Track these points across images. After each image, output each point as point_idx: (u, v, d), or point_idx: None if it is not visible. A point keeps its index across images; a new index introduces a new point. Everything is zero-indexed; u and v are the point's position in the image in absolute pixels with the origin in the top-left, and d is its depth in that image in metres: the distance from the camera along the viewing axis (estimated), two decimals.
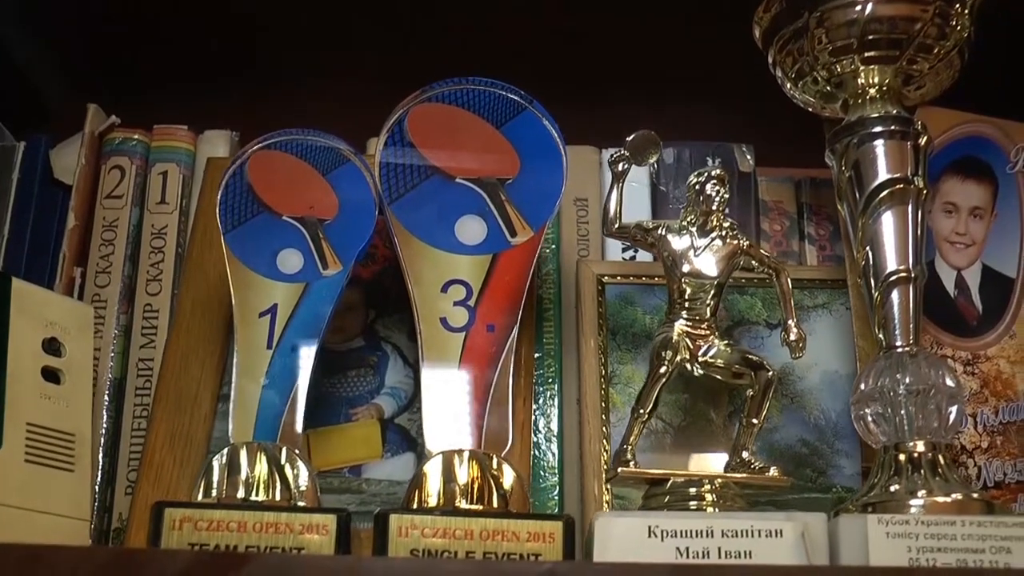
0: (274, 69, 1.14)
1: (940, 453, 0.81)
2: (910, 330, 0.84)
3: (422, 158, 0.86)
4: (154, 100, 1.12)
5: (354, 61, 1.13)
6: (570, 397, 1.00)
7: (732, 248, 0.86)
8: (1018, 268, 0.96)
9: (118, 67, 1.16)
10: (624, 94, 1.12)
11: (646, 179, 1.08)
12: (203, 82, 1.13)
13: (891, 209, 0.86)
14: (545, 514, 0.78)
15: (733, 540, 0.73)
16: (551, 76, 1.11)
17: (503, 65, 1.11)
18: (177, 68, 1.14)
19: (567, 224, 1.07)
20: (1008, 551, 0.73)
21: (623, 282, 1.02)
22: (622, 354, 1.00)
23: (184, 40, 1.13)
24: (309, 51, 1.14)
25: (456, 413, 0.81)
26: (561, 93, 1.08)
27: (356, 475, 0.93)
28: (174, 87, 1.13)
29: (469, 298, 0.84)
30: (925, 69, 0.88)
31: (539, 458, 0.98)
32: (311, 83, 1.13)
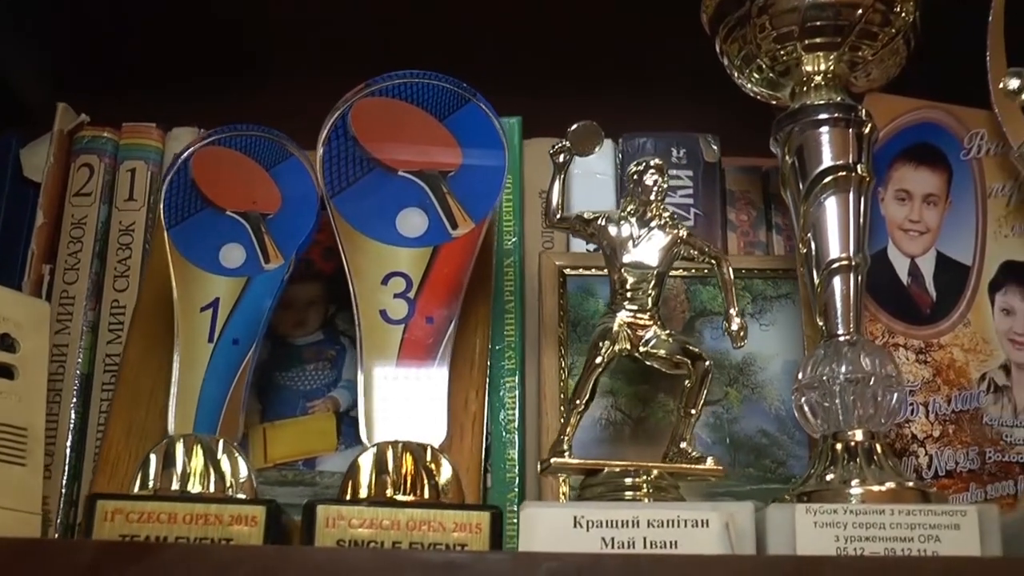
0: (243, 67, 1.14)
1: (878, 442, 0.81)
2: (851, 319, 0.84)
3: (364, 152, 0.87)
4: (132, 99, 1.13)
5: (321, 59, 1.14)
6: (532, 389, 1.00)
7: (671, 238, 0.86)
8: (974, 255, 0.96)
9: (94, 66, 1.17)
10: (590, 86, 1.12)
11: (611, 170, 1.08)
12: (174, 80, 1.14)
13: (833, 196, 0.85)
14: (472, 505, 0.78)
15: (659, 530, 0.73)
16: (517, 68, 1.13)
17: (468, 57, 1.11)
18: (149, 66, 1.14)
19: (530, 216, 1.06)
20: (937, 539, 0.73)
21: (585, 274, 1.02)
22: (582, 346, 1.00)
23: (155, 38, 1.14)
24: (277, 49, 1.15)
25: (393, 405, 0.82)
26: (527, 85, 1.10)
27: (310, 468, 0.94)
28: (146, 85, 1.14)
29: (409, 290, 0.84)
30: (869, 56, 0.88)
31: (499, 450, 0.98)
32: (278, 81, 1.14)
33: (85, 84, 1.15)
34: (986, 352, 0.93)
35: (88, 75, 1.16)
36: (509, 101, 1.08)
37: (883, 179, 0.96)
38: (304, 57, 1.14)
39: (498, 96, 1.07)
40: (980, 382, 0.93)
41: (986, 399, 0.93)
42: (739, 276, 1.01)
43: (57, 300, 1.03)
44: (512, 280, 1.03)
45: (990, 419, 0.92)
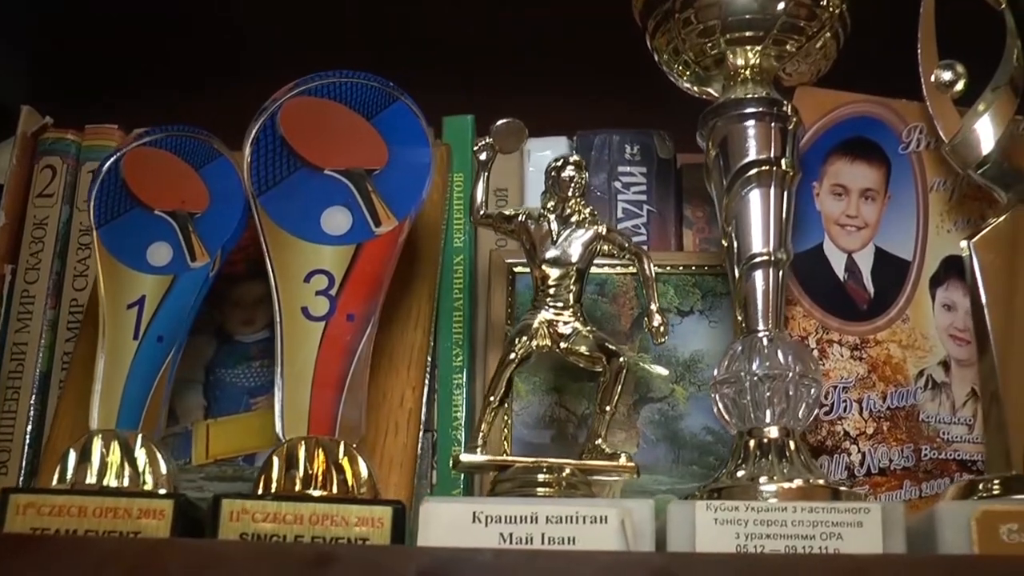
0: (209, 69, 1.16)
1: (793, 439, 0.81)
2: (769, 315, 0.83)
3: (292, 151, 0.88)
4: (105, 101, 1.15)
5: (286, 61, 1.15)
6: (480, 387, 1.00)
7: (591, 234, 0.86)
8: (914, 250, 0.95)
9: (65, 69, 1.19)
10: (546, 83, 1.12)
11: None
12: (139, 82, 1.16)
13: (755, 190, 0.85)
14: (375, 499, 0.78)
15: (557, 526, 0.73)
16: (475, 67, 1.14)
17: (424, 58, 1.14)
18: (111, 68, 1.16)
19: None
20: (839, 537, 0.72)
21: None
22: None
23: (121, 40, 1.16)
24: (239, 51, 1.16)
25: (311, 401, 0.82)
26: (485, 84, 1.10)
27: (250, 463, 0.95)
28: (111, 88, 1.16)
29: (331, 288, 0.85)
30: (795, 50, 0.87)
31: (446, 447, 0.98)
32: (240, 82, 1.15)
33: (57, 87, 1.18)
34: (925, 348, 0.92)
35: (59, 78, 1.19)
36: (463, 99, 1.10)
37: (818, 174, 0.95)
38: (267, 59, 1.15)
39: (453, 94, 1.08)
40: (918, 379, 0.92)
41: (923, 396, 0.92)
42: (689, 273, 1.02)
43: (18, 299, 1.05)
44: (461, 278, 1.04)
45: (927, 416, 0.91)
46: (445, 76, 1.09)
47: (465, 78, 1.10)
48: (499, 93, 1.07)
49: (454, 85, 1.09)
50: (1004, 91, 0.87)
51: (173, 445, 0.95)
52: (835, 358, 0.91)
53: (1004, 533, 0.72)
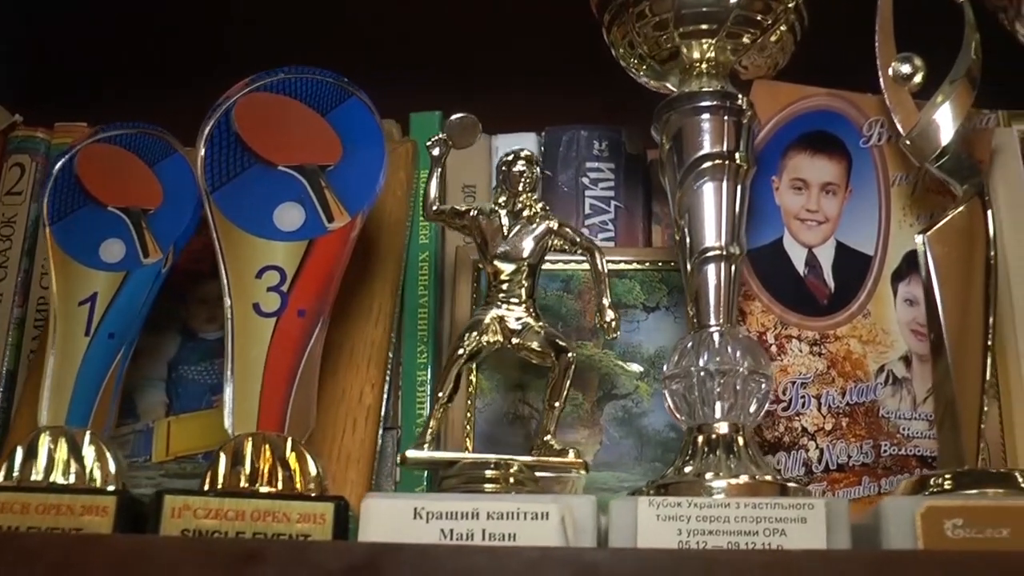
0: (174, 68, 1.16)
1: (742, 435, 0.80)
2: (720, 309, 0.82)
3: (246, 147, 0.87)
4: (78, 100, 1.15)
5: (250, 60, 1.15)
6: None
7: (543, 229, 0.85)
8: (876, 245, 0.94)
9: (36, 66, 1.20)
10: (516, 80, 1.12)
11: None
12: (109, 80, 1.16)
13: (708, 184, 0.84)
14: (316, 496, 0.78)
15: (498, 522, 0.72)
16: (444, 65, 1.13)
17: (392, 54, 1.13)
18: (82, 67, 1.17)
19: None
20: (783, 533, 0.71)
21: None
22: None
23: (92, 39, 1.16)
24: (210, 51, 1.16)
25: (261, 397, 0.82)
26: (453, 80, 1.10)
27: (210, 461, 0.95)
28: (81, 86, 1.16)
29: (283, 283, 0.84)
30: (749, 43, 0.86)
31: (409, 445, 0.98)
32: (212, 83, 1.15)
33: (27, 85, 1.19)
34: (886, 343, 0.91)
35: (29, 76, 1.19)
36: (431, 95, 1.09)
37: (777, 168, 0.94)
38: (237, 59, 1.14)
39: (420, 90, 1.08)
40: (878, 374, 0.91)
41: (883, 391, 0.91)
42: (656, 269, 1.01)
43: None
44: (427, 275, 1.03)
45: (887, 412, 0.90)
46: (413, 73, 1.09)
47: (433, 74, 1.10)
48: (467, 89, 1.07)
49: (422, 81, 1.08)
50: (961, 83, 0.86)
51: (134, 442, 0.95)
52: (794, 353, 0.91)
53: (949, 528, 0.71)
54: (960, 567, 0.66)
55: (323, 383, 0.95)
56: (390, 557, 0.62)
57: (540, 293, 0.99)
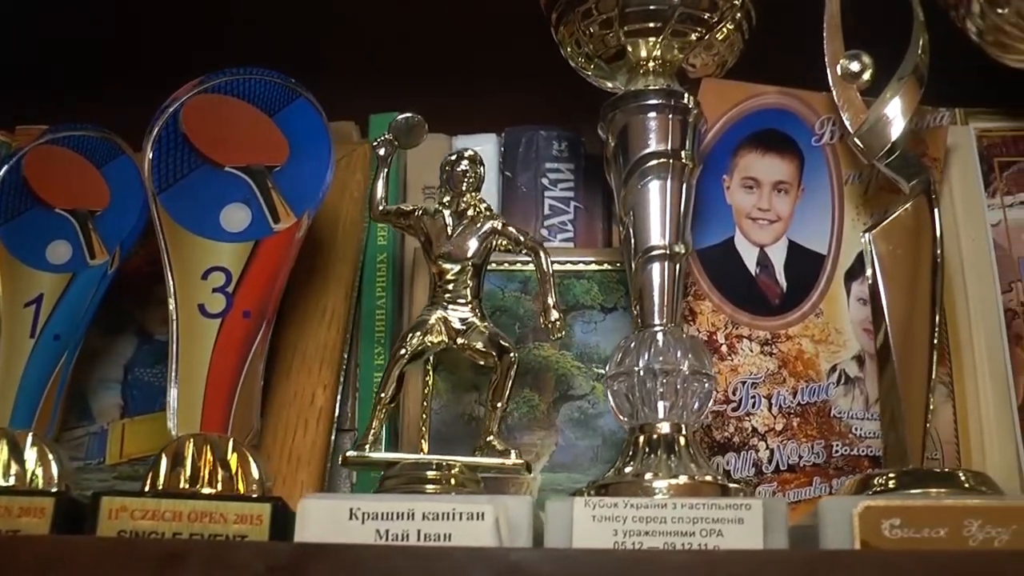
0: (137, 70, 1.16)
1: (683, 435, 0.79)
2: (665, 308, 0.82)
3: (193, 148, 0.87)
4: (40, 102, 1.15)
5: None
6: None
7: (486, 228, 0.85)
8: (829, 244, 0.93)
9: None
10: (476, 81, 1.11)
11: (494, 165, 1.07)
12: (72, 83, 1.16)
13: (652, 183, 0.84)
14: (252, 496, 0.78)
15: (434, 523, 0.72)
16: (404, 66, 1.13)
17: (352, 57, 1.13)
18: (44, 69, 1.16)
19: None
20: (719, 534, 0.71)
21: None
22: None
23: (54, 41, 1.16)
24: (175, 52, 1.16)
25: (205, 398, 0.82)
26: (414, 81, 1.10)
27: None
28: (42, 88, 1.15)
29: (228, 285, 0.84)
30: (695, 41, 0.86)
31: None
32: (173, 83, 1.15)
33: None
34: (838, 343, 0.91)
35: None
36: (391, 97, 1.09)
37: (728, 167, 0.93)
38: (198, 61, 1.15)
39: (381, 92, 1.08)
40: (830, 374, 0.90)
41: (836, 391, 0.90)
42: (614, 269, 1.01)
43: None
44: (384, 276, 1.03)
45: (839, 412, 0.90)
46: (373, 75, 1.09)
47: (393, 76, 1.09)
48: (427, 91, 1.07)
49: (382, 83, 1.08)
50: (909, 81, 0.86)
51: (88, 444, 0.95)
52: (744, 353, 0.90)
53: (886, 528, 0.70)
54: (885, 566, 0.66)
55: (275, 385, 0.95)
56: (313, 558, 0.62)
57: (498, 294, 0.99)
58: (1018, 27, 0.88)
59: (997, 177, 0.97)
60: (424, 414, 0.95)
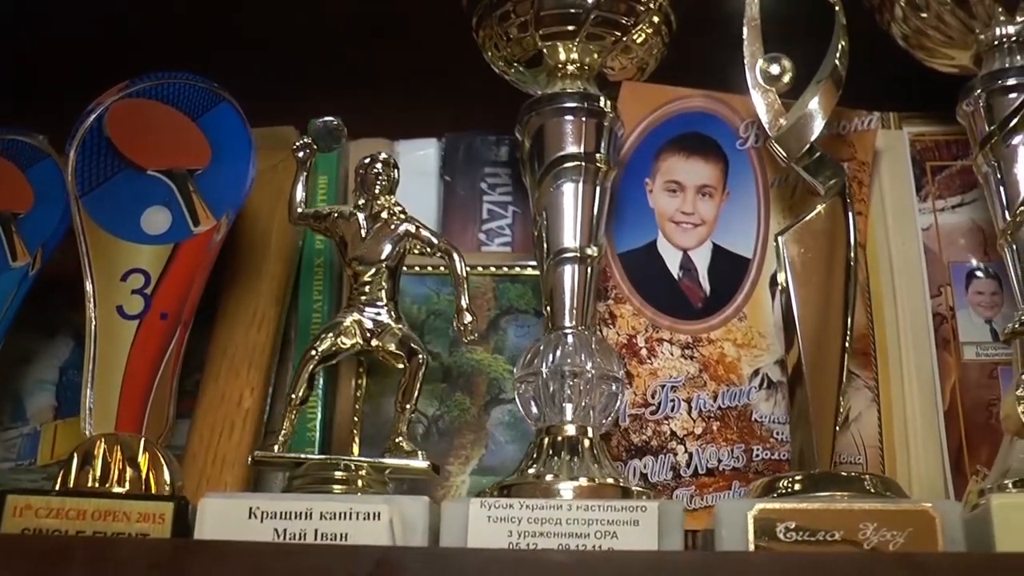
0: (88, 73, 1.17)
1: (588, 437, 0.79)
2: (575, 311, 0.82)
3: (116, 152, 0.88)
4: None
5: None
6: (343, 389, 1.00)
7: (400, 231, 0.85)
8: (754, 248, 0.93)
9: None
10: (418, 86, 1.11)
11: (435, 170, 1.08)
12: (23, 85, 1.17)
13: (566, 185, 0.84)
14: (157, 495, 0.78)
15: (330, 522, 0.72)
16: (346, 70, 1.13)
17: (295, 62, 1.13)
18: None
19: None
20: (615, 536, 0.71)
21: None
22: None
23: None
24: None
25: (120, 399, 0.82)
26: (356, 86, 1.10)
27: None
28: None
29: (147, 286, 0.85)
30: (610, 44, 0.86)
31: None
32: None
33: None
34: (761, 347, 0.90)
35: None
36: (333, 102, 1.09)
37: (650, 170, 0.93)
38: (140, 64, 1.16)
39: (323, 97, 1.08)
40: (752, 378, 0.90)
41: (757, 395, 0.90)
42: None
43: None
44: (321, 280, 1.03)
45: (760, 416, 0.89)
46: (315, 80, 1.09)
47: (335, 81, 1.10)
48: (369, 96, 1.08)
49: (323, 88, 1.08)
50: (827, 84, 0.85)
51: (21, 445, 0.96)
52: (665, 356, 0.90)
53: (781, 531, 0.71)
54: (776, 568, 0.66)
55: (204, 388, 0.96)
56: (192, 554, 0.63)
57: (433, 297, 1.00)
58: (939, 31, 0.88)
59: (929, 181, 0.96)
60: (356, 416, 0.96)
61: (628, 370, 0.89)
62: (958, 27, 0.87)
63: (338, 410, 0.97)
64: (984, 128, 0.84)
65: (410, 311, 1.01)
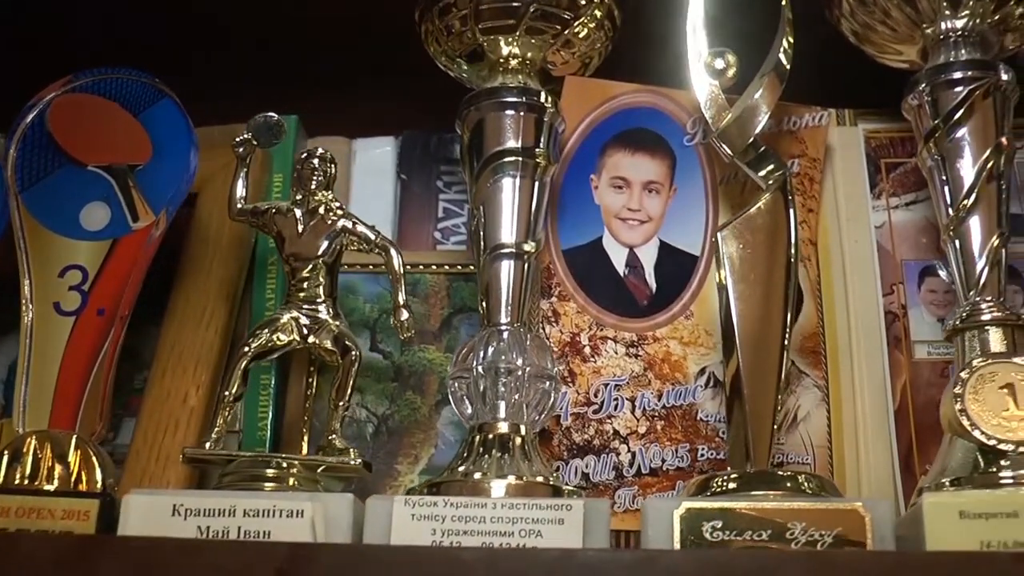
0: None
1: (520, 435, 0.78)
2: (511, 307, 0.81)
3: (57, 148, 0.88)
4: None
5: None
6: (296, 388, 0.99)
7: (337, 227, 0.85)
8: (703, 245, 0.91)
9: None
10: (376, 84, 1.11)
11: (391, 168, 1.07)
12: None
13: (504, 180, 0.84)
14: (82, 492, 0.77)
15: (254, 519, 0.72)
16: (304, 69, 1.13)
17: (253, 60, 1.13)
18: None
19: None
20: (539, 534, 0.70)
21: (348, 271, 1.00)
22: None
23: None
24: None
25: (55, 395, 0.82)
26: (313, 84, 1.09)
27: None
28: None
29: (84, 283, 0.84)
30: (551, 38, 0.85)
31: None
32: None
33: None
34: (708, 345, 0.89)
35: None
36: (290, 100, 1.09)
37: (595, 166, 0.92)
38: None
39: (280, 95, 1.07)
40: (698, 376, 0.89)
41: (703, 394, 0.88)
42: None
43: None
44: (274, 278, 1.02)
45: (706, 415, 0.88)
46: (272, 77, 1.08)
47: (292, 78, 1.09)
48: (327, 94, 1.07)
49: (282, 87, 1.08)
50: (770, 78, 0.84)
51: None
52: (608, 355, 0.89)
53: (707, 531, 0.70)
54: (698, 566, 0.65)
55: (151, 385, 0.95)
56: (98, 550, 0.62)
57: (386, 296, 0.99)
58: (887, 25, 0.87)
59: (884, 178, 0.95)
60: (306, 415, 0.95)
61: (571, 368, 0.88)
62: (905, 22, 0.86)
63: (287, 409, 0.97)
64: (929, 122, 0.83)
65: (363, 309, 1.00)
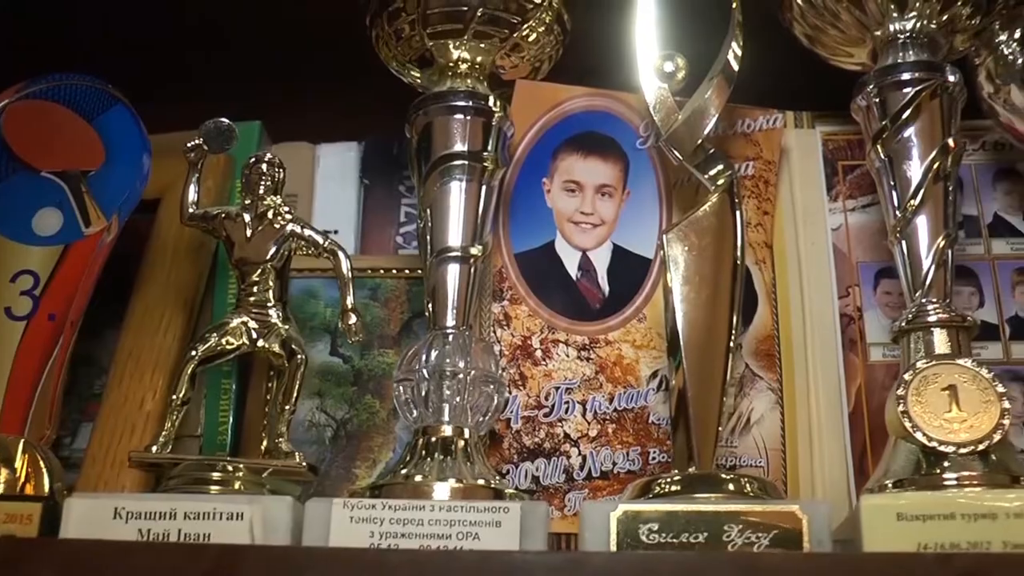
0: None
1: (464, 438, 0.78)
2: (456, 311, 0.81)
3: (11, 153, 0.88)
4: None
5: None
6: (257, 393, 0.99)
7: (285, 231, 0.85)
8: (656, 249, 0.91)
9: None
10: (340, 90, 1.11)
11: (354, 173, 1.07)
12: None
13: (451, 183, 0.84)
14: (26, 496, 0.78)
15: (194, 522, 0.72)
16: (268, 74, 1.13)
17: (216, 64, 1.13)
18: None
19: None
20: (476, 537, 0.70)
21: (309, 276, 1.01)
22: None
23: None
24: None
25: (4, 400, 0.82)
26: (278, 90, 1.10)
27: None
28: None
29: (36, 288, 0.85)
30: (499, 43, 0.85)
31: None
32: None
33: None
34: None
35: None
36: (254, 105, 1.09)
37: (548, 170, 0.92)
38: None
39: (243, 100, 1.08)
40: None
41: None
42: None
43: None
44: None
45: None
46: (236, 83, 1.09)
47: (255, 84, 1.09)
48: (291, 99, 1.08)
49: (245, 92, 1.08)
50: (719, 81, 0.84)
51: None
52: (560, 358, 0.89)
53: (644, 533, 0.70)
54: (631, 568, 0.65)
55: (109, 391, 0.96)
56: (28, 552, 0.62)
57: None
58: (837, 28, 0.87)
59: (841, 180, 0.95)
60: (265, 420, 0.96)
61: (522, 372, 0.88)
62: (854, 24, 0.86)
63: (247, 413, 0.97)
64: (877, 123, 0.83)
65: (323, 314, 1.00)
